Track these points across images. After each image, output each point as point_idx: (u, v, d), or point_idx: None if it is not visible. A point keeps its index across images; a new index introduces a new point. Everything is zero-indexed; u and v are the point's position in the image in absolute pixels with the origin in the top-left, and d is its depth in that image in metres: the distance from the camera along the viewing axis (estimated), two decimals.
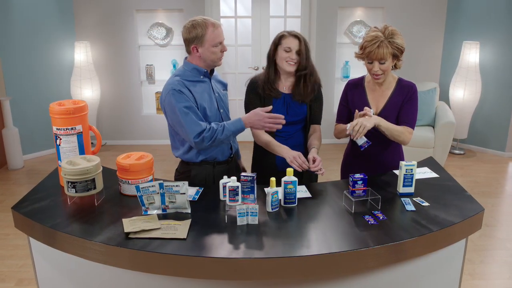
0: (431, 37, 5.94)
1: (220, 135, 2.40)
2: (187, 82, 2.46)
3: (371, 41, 2.42)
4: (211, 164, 2.60)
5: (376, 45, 2.41)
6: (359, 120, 2.39)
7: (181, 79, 2.46)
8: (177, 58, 6.01)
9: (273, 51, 2.62)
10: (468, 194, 2.33)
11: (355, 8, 5.96)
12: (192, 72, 2.50)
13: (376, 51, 2.41)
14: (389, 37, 2.41)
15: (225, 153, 2.65)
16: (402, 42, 2.44)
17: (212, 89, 2.58)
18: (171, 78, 2.50)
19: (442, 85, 6.00)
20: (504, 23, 5.39)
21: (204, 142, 2.40)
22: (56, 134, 2.33)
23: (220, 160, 2.62)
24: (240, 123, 2.41)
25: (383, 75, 2.50)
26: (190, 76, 2.49)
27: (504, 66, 5.49)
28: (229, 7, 6.13)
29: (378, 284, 2.04)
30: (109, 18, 5.84)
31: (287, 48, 2.56)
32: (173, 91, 2.40)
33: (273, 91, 2.64)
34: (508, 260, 3.49)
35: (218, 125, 2.41)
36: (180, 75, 2.48)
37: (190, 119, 2.38)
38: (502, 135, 5.70)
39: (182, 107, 2.38)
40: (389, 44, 2.41)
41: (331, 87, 6.01)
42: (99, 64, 5.97)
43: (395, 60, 2.48)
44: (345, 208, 2.21)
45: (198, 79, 2.51)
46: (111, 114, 6.16)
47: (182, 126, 2.40)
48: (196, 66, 2.50)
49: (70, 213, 2.15)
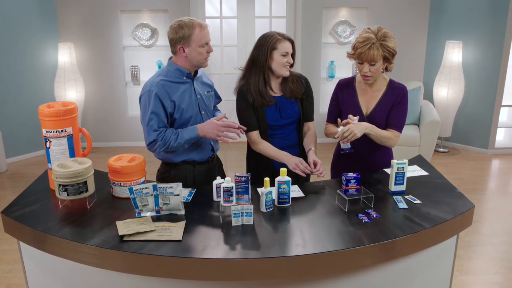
0: (415, 37, 6.02)
1: (174, 142, 2.44)
2: (168, 83, 2.46)
3: (362, 42, 2.43)
4: (191, 164, 2.62)
5: (367, 46, 2.42)
6: (350, 127, 2.40)
7: (162, 79, 2.47)
8: (162, 59, 5.97)
9: (267, 57, 2.53)
10: (458, 191, 2.37)
11: (339, 8, 6.00)
12: (175, 72, 2.50)
13: (366, 53, 2.43)
14: (381, 39, 2.43)
15: (205, 154, 2.65)
16: (394, 46, 2.46)
17: (194, 91, 2.56)
18: (153, 77, 2.51)
19: (426, 84, 6.08)
20: (486, 23, 5.48)
21: (157, 149, 2.46)
22: (46, 136, 2.29)
23: (199, 161, 2.63)
24: (195, 132, 2.45)
25: (372, 77, 2.52)
26: (173, 77, 2.49)
27: (486, 65, 5.59)
28: (214, 8, 6.12)
29: (373, 281, 2.06)
30: (93, 19, 5.77)
31: (284, 53, 2.51)
32: (150, 92, 2.42)
33: (266, 100, 2.59)
34: (494, 255, 3.55)
35: (172, 132, 2.44)
36: (162, 75, 2.49)
37: (150, 126, 2.42)
38: (485, 133, 5.80)
39: (150, 112, 2.41)
40: (380, 47, 2.42)
41: (316, 87, 6.03)
42: (83, 65, 5.90)
43: (386, 62, 2.50)
44: (338, 207, 2.23)
45: (180, 80, 2.51)
46: (96, 116, 6.09)
47: (144, 129, 2.47)
48: (179, 67, 2.50)
49: (62, 217, 2.12)
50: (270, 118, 2.62)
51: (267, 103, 2.59)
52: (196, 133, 2.44)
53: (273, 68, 2.55)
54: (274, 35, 2.53)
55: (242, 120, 2.63)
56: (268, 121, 2.62)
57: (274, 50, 2.50)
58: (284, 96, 2.64)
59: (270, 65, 2.54)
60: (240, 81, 2.67)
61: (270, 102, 2.59)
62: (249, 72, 2.61)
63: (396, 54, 2.48)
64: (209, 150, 2.66)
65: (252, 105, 2.60)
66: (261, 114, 2.61)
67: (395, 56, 2.49)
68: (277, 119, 2.63)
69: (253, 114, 2.61)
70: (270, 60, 2.52)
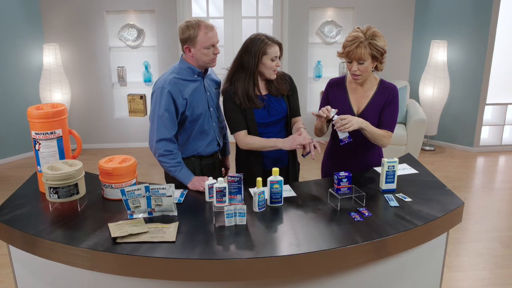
0: (401, 36, 6.08)
1: (171, 166, 2.51)
2: (180, 81, 2.51)
3: (351, 41, 2.45)
4: (198, 158, 2.67)
5: (355, 45, 2.44)
6: (349, 116, 2.42)
7: (175, 77, 2.51)
8: (149, 60, 5.93)
9: (258, 61, 2.52)
10: (447, 188, 2.40)
11: (326, 9, 6.03)
12: (186, 70, 2.55)
13: (354, 51, 2.44)
14: (370, 38, 2.45)
15: (212, 149, 2.71)
16: (383, 45, 2.48)
17: (205, 88, 2.61)
18: (166, 74, 2.54)
19: (412, 83, 6.14)
20: (470, 22, 5.56)
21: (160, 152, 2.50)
22: (35, 138, 2.27)
23: (204, 155, 2.68)
24: (188, 180, 2.50)
25: (361, 76, 2.53)
26: (185, 75, 2.54)
27: (471, 64, 5.67)
28: (201, 8, 6.10)
29: (366, 279, 2.08)
30: (78, 19, 5.71)
31: (274, 57, 2.54)
32: (162, 89, 2.47)
33: (254, 104, 2.60)
34: (481, 251, 3.60)
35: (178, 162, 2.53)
36: (175, 73, 2.53)
37: (162, 122, 2.48)
38: (470, 131, 5.88)
39: (164, 109, 2.46)
40: (368, 46, 2.44)
41: (304, 86, 6.06)
42: (69, 66, 5.83)
43: (375, 61, 2.52)
44: (330, 206, 2.24)
45: (192, 78, 2.56)
46: (83, 117, 6.02)
47: (152, 125, 2.51)
48: (190, 65, 2.54)
49: (52, 220, 2.10)
50: (259, 117, 2.63)
51: (255, 106, 2.60)
52: (188, 182, 2.49)
53: (262, 71, 2.57)
54: (264, 40, 2.53)
55: (230, 120, 2.64)
56: (256, 120, 2.63)
57: (265, 55, 2.52)
58: (270, 94, 2.66)
59: (260, 70, 2.57)
60: (226, 83, 2.67)
61: (259, 106, 2.61)
62: (237, 76, 2.61)
63: (385, 53, 2.50)
64: (215, 145, 2.72)
65: (239, 106, 2.61)
66: (250, 114, 2.62)
67: (384, 55, 2.51)
68: (266, 117, 2.64)
69: (240, 114, 2.62)
70: (260, 65, 2.55)
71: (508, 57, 5.75)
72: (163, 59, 5.81)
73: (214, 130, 2.69)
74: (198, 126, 2.59)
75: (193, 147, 2.64)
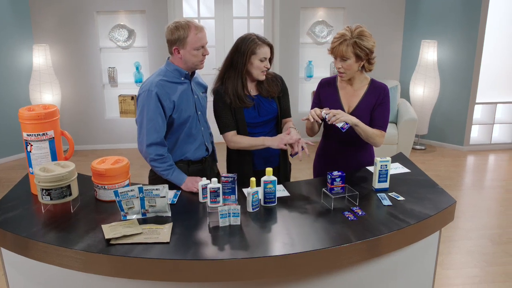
0: (391, 36, 6.12)
1: (163, 170, 2.48)
2: (167, 84, 2.47)
3: (337, 38, 2.50)
4: (185, 163, 2.61)
5: (339, 42, 2.48)
6: (339, 111, 2.44)
7: (162, 79, 2.47)
8: (140, 60, 5.91)
9: (246, 61, 2.53)
10: (439, 187, 2.42)
11: (317, 9, 6.05)
12: (173, 73, 2.51)
13: (337, 48, 2.48)
14: (356, 37, 2.46)
15: (200, 154, 2.66)
16: (369, 45, 2.48)
17: (192, 91, 2.58)
18: (153, 76, 2.50)
19: (403, 83, 6.18)
20: (460, 22, 5.61)
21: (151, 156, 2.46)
22: (27, 140, 2.25)
23: (193, 160, 2.63)
24: (182, 181, 2.47)
25: (346, 73, 2.55)
26: (171, 77, 2.50)
27: (461, 64, 5.72)
28: (192, 8, 6.10)
29: (360, 277, 2.09)
30: (68, 20, 5.67)
31: (263, 58, 2.54)
32: (149, 92, 2.41)
33: (244, 103, 2.60)
34: (472, 249, 3.63)
35: (170, 165, 2.49)
36: (162, 75, 2.49)
37: (152, 126, 2.43)
38: (460, 130, 5.93)
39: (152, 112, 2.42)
40: (353, 44, 2.46)
41: (295, 86, 6.07)
42: (59, 67, 5.79)
43: (359, 61, 2.53)
44: (323, 205, 2.25)
45: (179, 81, 2.52)
46: (73, 118, 5.98)
47: (140, 129, 2.46)
48: (177, 67, 2.50)
49: (45, 222, 2.09)
50: (249, 116, 2.64)
51: (245, 105, 2.61)
52: (182, 183, 2.47)
53: (251, 72, 2.58)
54: (254, 39, 2.54)
55: (219, 120, 2.64)
56: (246, 119, 2.63)
57: (253, 55, 2.53)
58: (261, 95, 2.66)
59: (248, 69, 2.57)
60: (217, 82, 2.68)
61: (248, 105, 2.61)
62: (227, 75, 2.62)
63: (370, 53, 2.50)
64: (204, 150, 2.67)
65: (229, 106, 2.61)
66: (240, 114, 2.62)
67: (370, 56, 2.52)
68: (255, 117, 2.65)
69: (230, 114, 2.62)
70: (249, 65, 2.55)
71: (497, 56, 5.82)
72: (154, 59, 5.79)
73: (202, 134, 2.65)
74: (185, 129, 2.55)
75: (181, 151, 2.58)
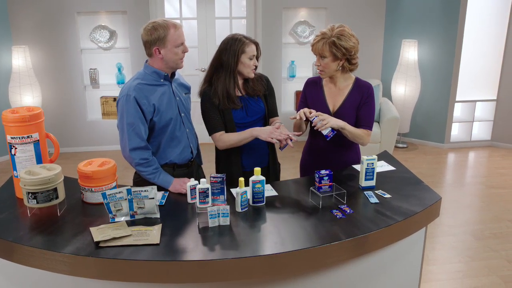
0: (372, 36, 6.19)
1: (149, 174, 2.46)
2: (146, 87, 2.43)
3: (318, 36, 2.55)
4: (171, 167, 2.59)
5: (317, 39, 2.54)
6: (327, 116, 2.47)
7: (140, 83, 2.43)
8: (121, 61, 5.86)
9: (237, 60, 2.56)
10: (424, 184, 2.46)
11: (299, 9, 6.08)
12: (152, 75, 2.47)
13: (315, 45, 2.55)
14: (335, 36, 2.49)
15: (185, 157, 2.64)
16: (348, 45, 2.50)
17: (173, 93, 2.55)
18: (131, 81, 2.46)
19: (384, 82, 6.25)
20: (440, 22, 5.70)
21: (136, 161, 2.43)
22: (11, 143, 2.21)
23: (179, 163, 2.61)
24: (169, 184, 2.45)
25: (324, 71, 2.59)
26: (150, 80, 2.46)
27: (441, 63, 5.82)
28: (174, 9, 6.07)
29: (349, 275, 2.11)
30: (48, 21, 5.59)
31: (252, 56, 2.58)
32: (128, 96, 2.38)
33: (234, 104, 2.61)
34: (455, 245, 3.70)
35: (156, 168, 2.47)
36: (140, 78, 2.45)
37: (133, 131, 2.40)
38: (441, 128, 6.03)
39: (132, 116, 2.38)
40: (330, 43, 2.49)
41: (278, 86, 6.09)
42: (39, 69, 5.71)
43: (337, 60, 2.55)
44: (312, 204, 2.26)
45: (158, 83, 2.48)
46: (55, 121, 5.90)
47: (122, 134, 2.43)
48: (156, 69, 2.47)
49: (31, 225, 2.05)
50: (237, 117, 2.64)
51: (234, 106, 2.61)
52: (169, 185, 2.45)
53: (241, 70, 2.60)
54: (241, 39, 2.58)
55: (207, 121, 2.64)
56: (234, 120, 2.64)
57: (243, 53, 2.56)
58: (248, 94, 2.68)
59: (238, 68, 2.59)
60: (204, 84, 2.68)
61: (237, 106, 2.62)
62: (216, 75, 2.62)
63: (348, 53, 2.52)
64: (188, 152, 2.64)
65: (217, 107, 2.61)
66: (228, 115, 2.62)
67: (348, 55, 2.54)
68: (244, 117, 2.66)
69: (218, 115, 2.62)
70: (239, 63, 2.57)
71: (476, 55, 5.93)
72: (136, 60, 5.74)
73: (187, 136, 2.62)
74: (168, 132, 2.52)
75: (165, 155, 2.55)
